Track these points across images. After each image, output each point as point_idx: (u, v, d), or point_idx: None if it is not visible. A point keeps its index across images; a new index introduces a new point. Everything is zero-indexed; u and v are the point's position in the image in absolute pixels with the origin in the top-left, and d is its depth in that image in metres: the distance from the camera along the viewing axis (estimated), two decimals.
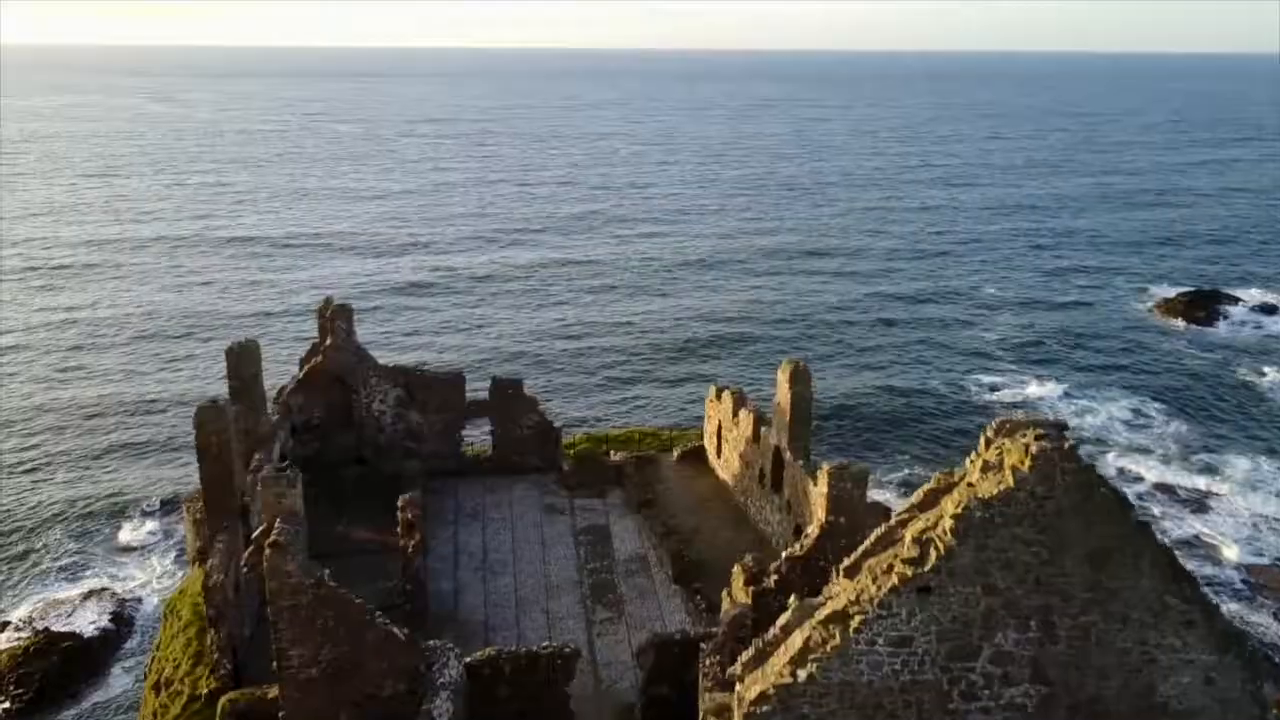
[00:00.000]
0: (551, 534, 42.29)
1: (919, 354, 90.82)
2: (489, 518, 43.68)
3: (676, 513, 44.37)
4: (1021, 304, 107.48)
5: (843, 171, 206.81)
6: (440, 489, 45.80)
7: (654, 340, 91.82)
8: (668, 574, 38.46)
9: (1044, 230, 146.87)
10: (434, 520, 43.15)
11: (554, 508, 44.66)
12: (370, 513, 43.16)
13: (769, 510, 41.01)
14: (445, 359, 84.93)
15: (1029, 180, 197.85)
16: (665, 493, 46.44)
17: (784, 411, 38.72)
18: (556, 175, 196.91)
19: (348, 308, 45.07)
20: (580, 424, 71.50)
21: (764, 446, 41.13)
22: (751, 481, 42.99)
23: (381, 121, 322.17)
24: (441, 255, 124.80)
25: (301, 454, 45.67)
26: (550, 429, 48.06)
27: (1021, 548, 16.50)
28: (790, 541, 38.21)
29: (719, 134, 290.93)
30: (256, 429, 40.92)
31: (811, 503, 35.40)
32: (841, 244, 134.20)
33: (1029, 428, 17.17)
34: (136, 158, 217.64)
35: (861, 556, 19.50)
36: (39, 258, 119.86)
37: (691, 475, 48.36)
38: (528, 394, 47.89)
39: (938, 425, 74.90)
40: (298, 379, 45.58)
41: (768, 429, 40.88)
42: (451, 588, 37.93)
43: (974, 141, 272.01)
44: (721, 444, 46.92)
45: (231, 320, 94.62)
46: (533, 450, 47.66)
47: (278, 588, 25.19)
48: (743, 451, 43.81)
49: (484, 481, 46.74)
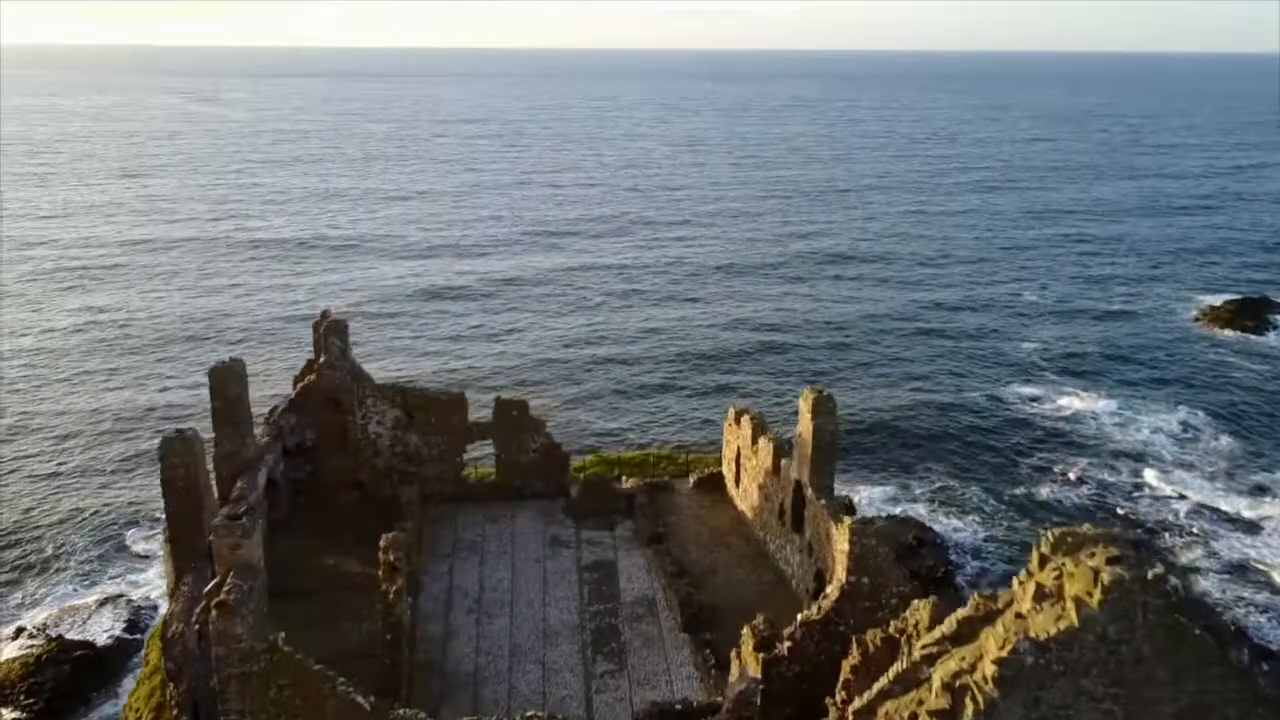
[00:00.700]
0: (554, 570, 39.30)
1: (955, 364, 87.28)
2: (488, 550, 40.78)
3: (690, 547, 41.26)
4: (1062, 313, 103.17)
5: (877, 174, 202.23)
6: (439, 516, 43.05)
7: (680, 348, 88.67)
8: (676, 620, 35.33)
9: (1085, 236, 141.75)
10: (430, 552, 40.46)
11: (559, 539, 41.70)
12: (365, 541, 40.38)
13: (789, 550, 37.76)
14: (468, 366, 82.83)
15: (1069, 184, 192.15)
16: (679, 524, 43.34)
17: (805, 444, 35.48)
18: (587, 176, 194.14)
19: (342, 323, 42.34)
20: (597, 437, 68.91)
21: (784, 480, 37.89)
22: (771, 516, 39.76)
23: (414, 122, 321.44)
24: (469, 259, 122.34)
25: (294, 476, 43.14)
26: (557, 453, 45.11)
27: (1088, 705, 12.67)
28: (810, 587, 35.03)
29: (752, 134, 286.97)
30: (241, 453, 38.32)
31: (834, 547, 32.13)
32: (876, 249, 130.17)
33: (1098, 544, 12.95)
34: (172, 158, 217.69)
35: (877, 698, 15.55)
36: (69, 258, 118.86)
37: (708, 505, 45.21)
38: (534, 415, 44.95)
39: (975, 439, 71.50)
40: (290, 398, 42.91)
41: (788, 461, 37.63)
42: (442, 631, 35.05)
43: (1012, 144, 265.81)
44: (740, 472, 43.72)
45: (257, 325, 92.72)
46: (539, 475, 44.75)
47: (225, 654, 22.43)
48: (762, 483, 40.59)
49: (486, 509, 43.89)
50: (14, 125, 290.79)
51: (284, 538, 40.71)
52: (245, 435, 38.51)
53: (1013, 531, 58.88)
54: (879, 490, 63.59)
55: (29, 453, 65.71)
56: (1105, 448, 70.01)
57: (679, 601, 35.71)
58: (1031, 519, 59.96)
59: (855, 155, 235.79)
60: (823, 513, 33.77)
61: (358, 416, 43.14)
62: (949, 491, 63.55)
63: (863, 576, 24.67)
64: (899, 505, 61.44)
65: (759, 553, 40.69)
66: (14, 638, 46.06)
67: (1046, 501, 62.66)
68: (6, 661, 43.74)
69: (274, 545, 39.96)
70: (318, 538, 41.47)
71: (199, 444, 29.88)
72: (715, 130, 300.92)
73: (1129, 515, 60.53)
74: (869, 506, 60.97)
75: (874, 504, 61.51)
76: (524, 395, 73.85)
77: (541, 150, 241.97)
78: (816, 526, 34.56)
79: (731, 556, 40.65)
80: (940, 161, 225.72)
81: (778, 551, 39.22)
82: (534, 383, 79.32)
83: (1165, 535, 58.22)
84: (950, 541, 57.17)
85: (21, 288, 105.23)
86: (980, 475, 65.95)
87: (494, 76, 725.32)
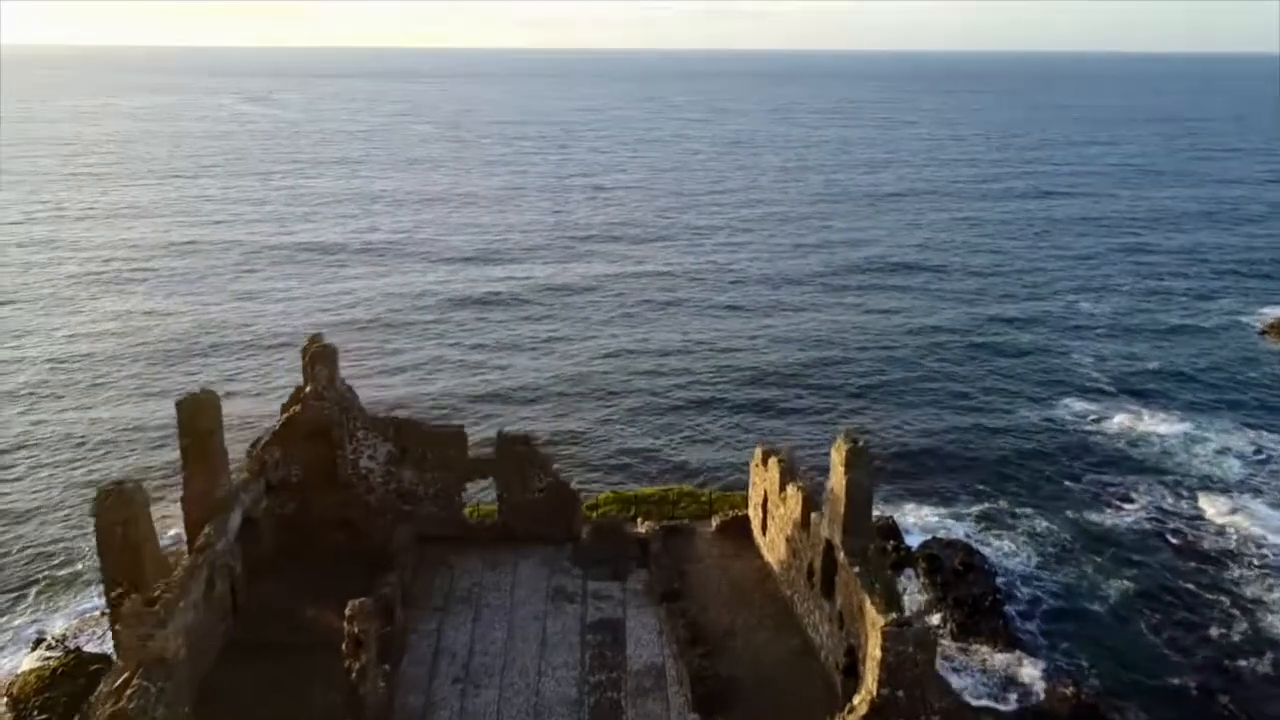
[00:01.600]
0: (555, 630, 35.27)
1: (1006, 379, 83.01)
2: (484, 603, 36.87)
3: (708, 604, 37.02)
4: (1120, 327, 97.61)
5: (927, 178, 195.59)
6: (434, 561, 39.26)
7: (719, 363, 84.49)
8: (687, 698, 31.12)
9: (1144, 245, 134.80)
10: (420, 604, 36.65)
11: (563, 592, 37.66)
12: (351, 588, 36.76)
13: (818, 616, 33.36)
14: (499, 378, 79.88)
15: (1126, 189, 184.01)
16: (697, 576, 39.11)
17: (838, 500, 31.07)
18: (631, 179, 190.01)
19: (330, 349, 38.71)
20: (621, 458, 65.31)
21: (814, 537, 33.50)
22: (799, 574, 35.38)
23: (461, 123, 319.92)
24: (507, 264, 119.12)
25: (279, 513, 39.63)
26: (566, 492, 41.11)
27: None
28: (841, 662, 30.64)
29: (800, 137, 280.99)
30: (212, 494, 34.85)
31: (866, 622, 27.74)
32: (925, 258, 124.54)
33: None
34: (219, 158, 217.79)
35: None
36: (114, 259, 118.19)
37: (731, 553, 40.90)
38: (540, 451, 40.99)
39: (1026, 458, 67.50)
40: (274, 430, 39.38)
41: (819, 516, 33.22)
42: (421, 703, 31.22)
43: (1070, 147, 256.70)
44: (767, 519, 39.36)
45: (292, 331, 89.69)
46: (545, 516, 40.78)
47: None
48: (790, 535, 36.22)
49: (486, 553, 40.02)
50: (69, 126, 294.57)
51: (263, 582, 37.29)
52: (218, 473, 35.06)
53: (1066, 558, 55.17)
54: (925, 509, 60.39)
55: (56, 461, 63.64)
56: (1166, 470, 65.87)
57: (690, 676, 31.48)
58: (1087, 545, 56.37)
59: (905, 158, 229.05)
60: (856, 582, 29.34)
61: (348, 451, 39.53)
62: (999, 512, 60.12)
63: (897, 689, 20.35)
64: (945, 525, 58.23)
65: (784, 613, 36.33)
66: (32, 648, 43.91)
67: (1102, 526, 58.81)
68: (23, 674, 41.24)
69: (252, 590, 36.60)
70: (301, 583, 37.99)
71: (140, 496, 26.35)
72: (762, 132, 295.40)
73: (1191, 543, 56.48)
74: (913, 527, 57.73)
75: (920, 524, 58.47)
76: (542, 415, 73.28)
77: (585, 152, 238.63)
78: (849, 596, 30.14)
79: (754, 617, 36.34)
80: (993, 165, 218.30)
81: (806, 615, 34.85)
82: (563, 397, 76.29)
83: (1231, 566, 54.13)
84: (999, 567, 53.67)
85: (59, 290, 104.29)
86: (1032, 496, 62.29)
87: (541, 77, 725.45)
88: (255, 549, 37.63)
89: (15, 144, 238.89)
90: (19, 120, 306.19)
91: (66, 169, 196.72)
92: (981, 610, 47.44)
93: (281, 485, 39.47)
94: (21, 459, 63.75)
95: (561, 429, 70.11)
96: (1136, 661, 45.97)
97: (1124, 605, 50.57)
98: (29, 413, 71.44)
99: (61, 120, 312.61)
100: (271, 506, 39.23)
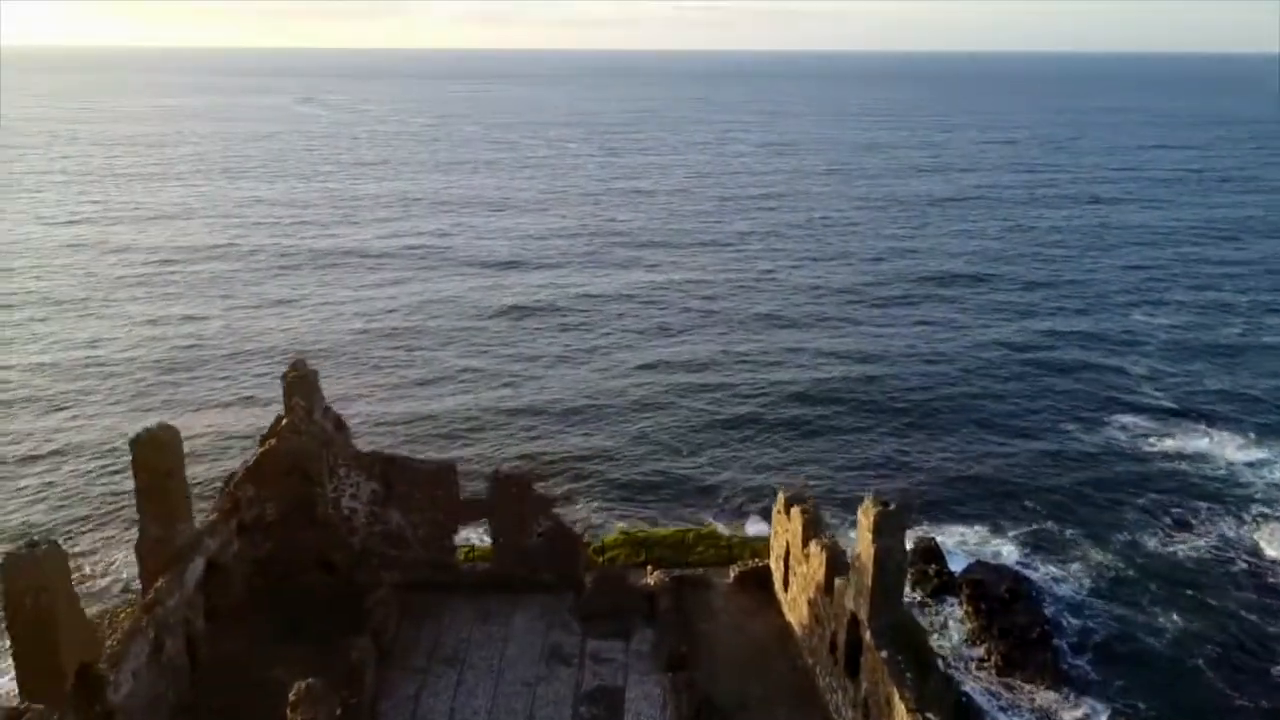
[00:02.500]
0: (545, 698, 31.48)
1: (1057, 394, 78.51)
2: (471, 664, 33.20)
3: (720, 670, 33.01)
4: (1179, 342, 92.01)
5: (976, 184, 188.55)
6: (420, 612, 35.70)
7: (757, 377, 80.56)
8: None
9: (1204, 256, 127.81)
10: (398, 664, 33.10)
11: (559, 652, 33.86)
12: (332, 639, 33.40)
13: (841, 698, 29.19)
14: (535, 392, 76.87)
15: (1184, 196, 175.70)
16: (711, 635, 35.10)
17: (865, 571, 26.89)
18: (675, 183, 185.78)
19: (309, 377, 35.27)
20: (645, 479, 61.79)
21: (838, 606, 29.33)
22: (821, 643, 31.20)
23: (512, 125, 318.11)
24: (546, 270, 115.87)
25: (253, 556, 36.31)
26: (568, 536, 37.30)
27: None
28: None
29: (849, 139, 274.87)
30: (170, 541, 31.57)
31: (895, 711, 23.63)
32: (975, 269, 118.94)
33: None
34: (269, 160, 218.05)
35: None
36: (152, 260, 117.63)
37: (749, 609, 36.83)
38: (539, 493, 37.22)
39: (1079, 478, 63.57)
40: (248, 465, 36.07)
41: (844, 583, 29.04)
42: None
43: (1127, 151, 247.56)
44: (789, 575, 35.22)
45: (323, 340, 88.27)
46: (544, 563, 37.02)
47: None
48: (812, 599, 32.06)
49: (479, 603, 36.35)
50: (129, 127, 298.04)
51: (231, 635, 33.96)
52: (177, 519, 31.75)
53: (1120, 587, 51.41)
54: (969, 530, 57.09)
55: (81, 471, 61.79)
56: (1228, 496, 61.53)
57: None
58: (1142, 573, 52.60)
59: (955, 162, 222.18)
60: (884, 669, 25.16)
61: (328, 489, 36.08)
62: (1048, 536, 56.47)
63: None
64: (990, 548, 54.99)
65: (805, 686, 32.18)
66: None
67: (1159, 554, 54.95)
68: None
69: (216, 645, 33.30)
70: (273, 633, 34.63)
71: (57, 560, 22.98)
72: (810, 135, 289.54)
73: (1256, 575, 52.42)
74: (957, 549, 54.45)
75: (963, 546, 55.19)
76: (572, 430, 69.82)
77: (631, 155, 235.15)
78: (875, 682, 25.96)
79: (770, 688, 32.24)
80: (1047, 169, 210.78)
81: (828, 691, 30.66)
82: (595, 411, 73.24)
83: None
84: (1048, 595, 50.34)
85: (92, 293, 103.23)
86: (1084, 520, 58.46)
87: (593, 78, 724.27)
88: (223, 597, 34.37)
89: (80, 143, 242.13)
90: (70, 121, 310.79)
91: (118, 168, 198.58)
92: (1028, 642, 44.65)
93: (256, 525, 36.14)
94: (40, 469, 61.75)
95: (590, 446, 67.19)
96: (1196, 705, 42.16)
97: (1182, 641, 46.84)
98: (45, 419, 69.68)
99: (116, 121, 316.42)
100: (245, 548, 35.92)
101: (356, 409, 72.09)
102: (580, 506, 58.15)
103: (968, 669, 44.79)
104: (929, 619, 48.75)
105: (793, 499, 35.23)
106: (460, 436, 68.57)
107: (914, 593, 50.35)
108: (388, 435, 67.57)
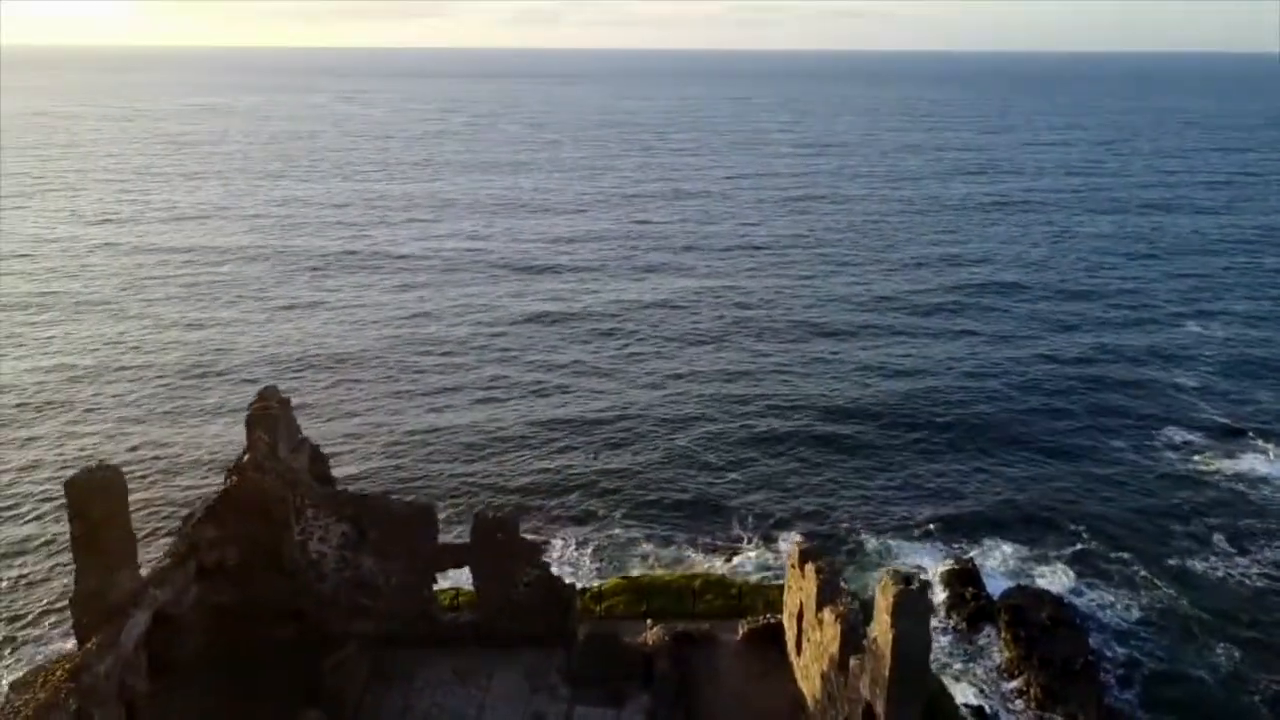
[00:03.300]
0: None
1: (1104, 410, 74.78)
2: None
3: None
4: (1233, 358, 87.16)
5: (1024, 188, 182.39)
6: (391, 672, 32.28)
7: (790, 390, 77.41)
8: None
9: (1261, 265, 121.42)
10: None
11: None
12: (288, 697, 30.18)
13: None
14: (562, 404, 74.27)
15: (1241, 202, 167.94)
16: (714, 703, 31.35)
17: (883, 656, 22.96)
18: (715, 187, 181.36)
19: (273, 413, 31.95)
20: (664, 498, 58.74)
21: (852, 689, 25.42)
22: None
23: (548, 124, 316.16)
24: (579, 275, 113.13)
25: (212, 602, 33.10)
26: (557, 587, 33.67)
27: None
28: None
29: (889, 140, 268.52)
30: (109, 594, 28.41)
31: None
32: (1020, 278, 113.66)
33: None
34: (308, 160, 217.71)
35: None
36: (190, 262, 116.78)
37: (758, 672, 32.99)
38: (525, 538, 33.64)
39: (1125, 498, 60.79)
40: (209, 505, 32.88)
41: (859, 664, 25.10)
42: None
43: (1182, 154, 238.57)
44: (802, 638, 31.33)
45: (355, 346, 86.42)
46: (532, 616, 33.44)
47: None
48: (825, 672, 28.14)
49: (458, 659, 32.87)
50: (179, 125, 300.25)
51: (181, 696, 30.74)
52: (115, 569, 28.57)
53: (1170, 615, 48.36)
54: (1009, 550, 54.26)
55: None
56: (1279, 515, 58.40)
57: None
58: (1194, 600, 49.51)
59: (1001, 165, 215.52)
60: None
61: (295, 531, 32.79)
62: (1093, 558, 53.66)
63: None
64: (1032, 571, 52.21)
65: None
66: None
67: (1211, 579, 51.90)
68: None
69: (164, 707, 30.08)
70: (232, 690, 31.43)
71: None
72: (851, 136, 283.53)
73: None
74: (995, 572, 51.51)
75: (1003, 569, 52.15)
76: (594, 447, 66.21)
77: (669, 155, 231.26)
78: None
79: None
80: (1097, 172, 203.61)
81: None
82: (620, 424, 70.30)
83: None
84: (1093, 622, 47.58)
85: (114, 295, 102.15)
86: (1131, 542, 55.47)
87: (635, 77, 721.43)
88: (176, 651, 31.21)
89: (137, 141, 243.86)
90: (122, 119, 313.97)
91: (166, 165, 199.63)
92: (1071, 673, 42.20)
93: (217, 569, 32.94)
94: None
95: (617, 461, 64.55)
96: None
97: (1235, 674, 43.86)
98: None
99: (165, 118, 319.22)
100: (204, 595, 32.73)
101: (377, 419, 69.80)
102: (597, 526, 55.25)
103: (1004, 702, 41.66)
104: (964, 646, 45.12)
105: (807, 554, 31.29)
106: (484, 448, 66.16)
107: (948, 618, 46.89)
108: (408, 448, 65.12)
